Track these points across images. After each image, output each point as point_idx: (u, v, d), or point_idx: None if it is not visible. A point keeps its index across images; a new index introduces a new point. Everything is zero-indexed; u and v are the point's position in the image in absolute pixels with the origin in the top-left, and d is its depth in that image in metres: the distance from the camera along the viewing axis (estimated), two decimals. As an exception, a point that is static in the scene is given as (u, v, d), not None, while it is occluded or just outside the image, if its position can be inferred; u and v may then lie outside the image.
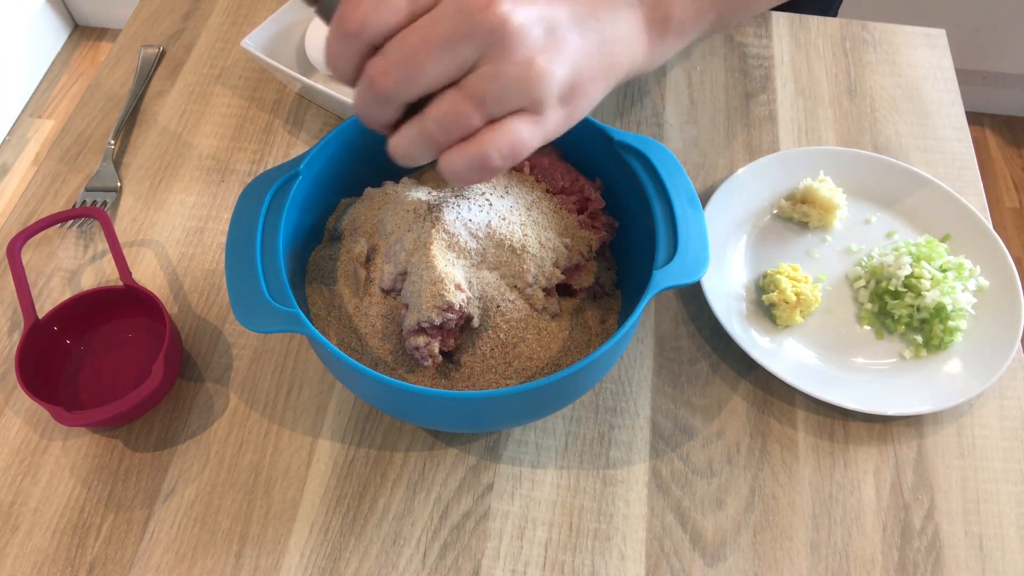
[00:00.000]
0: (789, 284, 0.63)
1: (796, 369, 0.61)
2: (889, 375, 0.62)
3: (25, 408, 0.60)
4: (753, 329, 0.63)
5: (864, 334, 0.64)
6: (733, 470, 0.58)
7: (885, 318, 0.65)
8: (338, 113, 0.75)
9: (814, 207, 0.69)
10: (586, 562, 0.55)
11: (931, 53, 0.83)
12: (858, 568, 0.55)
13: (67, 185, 0.72)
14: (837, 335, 0.64)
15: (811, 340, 0.64)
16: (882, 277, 0.65)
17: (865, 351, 0.63)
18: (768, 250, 0.69)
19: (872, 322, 0.65)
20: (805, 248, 0.69)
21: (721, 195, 0.70)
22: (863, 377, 0.62)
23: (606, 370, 0.57)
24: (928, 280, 0.63)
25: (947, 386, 0.61)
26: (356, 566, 0.54)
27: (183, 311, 0.65)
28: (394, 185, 0.63)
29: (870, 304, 0.65)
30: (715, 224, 0.68)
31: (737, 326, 0.63)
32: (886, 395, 0.60)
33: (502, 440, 0.59)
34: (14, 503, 0.56)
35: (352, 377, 0.52)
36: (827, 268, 0.68)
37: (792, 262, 0.66)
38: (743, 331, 0.63)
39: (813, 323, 0.65)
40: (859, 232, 0.70)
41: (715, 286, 0.65)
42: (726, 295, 0.65)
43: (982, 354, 0.62)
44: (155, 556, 0.54)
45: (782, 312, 0.63)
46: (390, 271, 0.57)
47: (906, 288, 0.63)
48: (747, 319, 0.64)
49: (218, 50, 0.82)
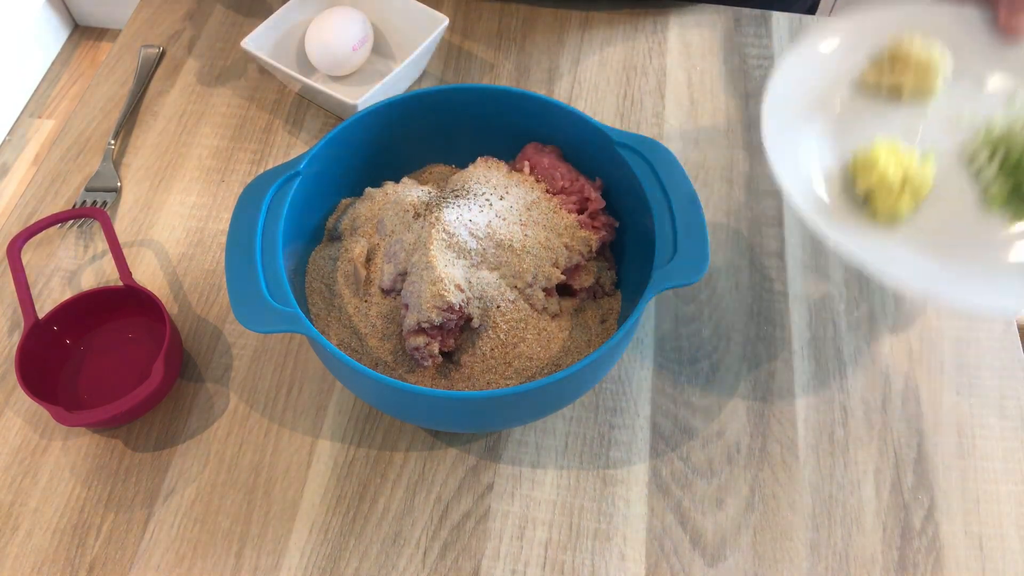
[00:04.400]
0: (891, 161, 0.50)
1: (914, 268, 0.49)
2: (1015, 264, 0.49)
3: (25, 408, 0.60)
4: (855, 224, 0.51)
5: (988, 219, 0.52)
6: (733, 470, 0.58)
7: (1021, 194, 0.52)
8: (338, 113, 0.75)
9: (907, 70, 0.55)
10: (586, 562, 0.55)
11: (931, 53, 0.83)
12: (858, 568, 0.55)
13: (67, 185, 0.72)
14: (962, 225, 0.51)
15: (928, 235, 0.51)
16: (1013, 144, 0.52)
17: (993, 239, 0.51)
18: (851, 133, 0.55)
19: (1007, 202, 0.52)
20: (899, 124, 0.55)
21: (783, 73, 0.56)
22: (996, 271, 0.49)
23: (606, 370, 0.57)
24: None
25: None
26: (356, 566, 0.54)
27: (183, 311, 0.65)
28: (394, 185, 0.63)
29: (1001, 180, 0.52)
30: (781, 108, 0.55)
31: (826, 220, 0.50)
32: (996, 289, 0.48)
33: (502, 440, 0.59)
34: (14, 503, 0.56)
35: (352, 377, 0.52)
36: (931, 147, 0.54)
37: (892, 137, 0.53)
38: (837, 226, 0.50)
39: (924, 215, 0.52)
40: (969, 98, 0.56)
41: (791, 184, 0.52)
42: (812, 183, 0.52)
43: None
44: (155, 556, 0.54)
45: (884, 200, 0.51)
46: (390, 271, 0.57)
47: None
48: (835, 219, 0.51)
49: (218, 50, 0.82)
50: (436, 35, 0.74)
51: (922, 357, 0.63)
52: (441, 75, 0.80)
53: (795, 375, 0.62)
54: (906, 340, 0.64)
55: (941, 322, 0.65)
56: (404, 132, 0.63)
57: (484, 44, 0.82)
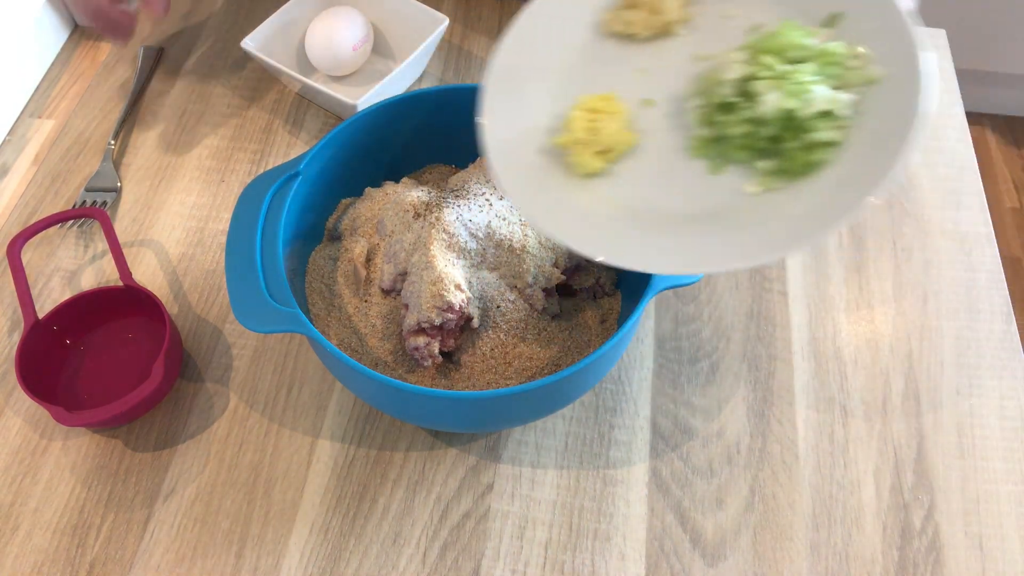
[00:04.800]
0: (583, 118, 0.49)
1: (592, 228, 0.47)
2: (727, 219, 0.46)
3: (25, 408, 0.60)
4: (544, 182, 0.49)
5: (693, 170, 0.48)
6: (733, 470, 0.58)
7: (722, 144, 0.48)
8: (338, 113, 0.75)
9: (639, 9, 0.51)
10: (586, 562, 0.55)
11: (931, 53, 0.83)
12: (858, 568, 0.55)
13: (67, 185, 0.72)
14: (662, 175, 0.48)
15: (628, 186, 0.48)
16: (712, 88, 0.48)
17: (694, 192, 0.47)
18: (580, 83, 0.52)
19: (705, 152, 0.48)
20: (634, 68, 0.51)
21: (520, 26, 0.53)
22: (692, 229, 0.46)
23: (606, 370, 0.57)
24: (766, 82, 0.45)
25: (794, 222, 0.44)
26: (356, 566, 0.54)
27: (183, 311, 0.65)
28: (394, 185, 0.63)
29: (701, 128, 0.48)
30: (512, 66, 0.52)
31: (516, 178, 0.48)
32: (713, 248, 0.45)
33: (502, 440, 0.59)
34: (14, 503, 0.56)
35: (352, 377, 0.52)
36: (663, 89, 0.50)
37: (617, 86, 0.51)
38: (524, 183, 0.48)
39: (634, 164, 0.49)
40: (712, 34, 0.51)
41: (505, 136, 0.50)
42: (519, 145, 0.50)
43: (858, 171, 0.44)
44: (155, 556, 0.54)
45: (578, 156, 0.48)
46: (390, 271, 0.57)
47: (742, 96, 0.46)
48: (540, 170, 0.50)
49: (218, 50, 0.82)
50: (436, 35, 0.74)
51: (922, 357, 0.63)
52: (441, 75, 0.80)
53: (795, 375, 0.62)
54: (906, 340, 0.64)
55: (941, 322, 0.65)
56: (404, 132, 0.63)
57: (484, 44, 0.82)
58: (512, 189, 0.49)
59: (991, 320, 0.65)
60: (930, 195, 0.73)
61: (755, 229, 0.45)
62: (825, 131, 0.44)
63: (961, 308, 0.66)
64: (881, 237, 0.70)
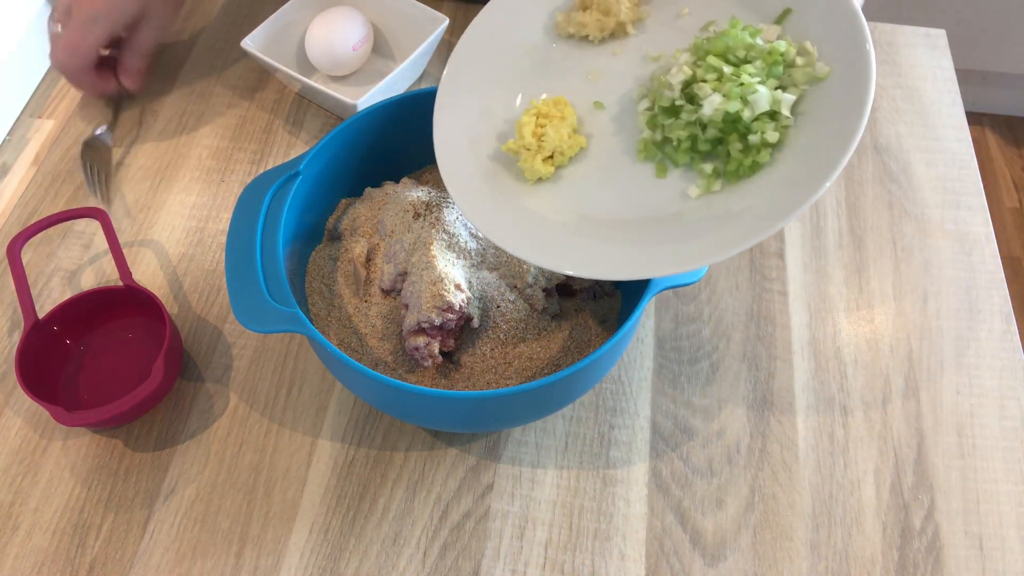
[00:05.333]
0: (532, 123, 0.49)
1: (536, 235, 0.47)
2: (670, 224, 0.46)
3: (25, 408, 0.60)
4: (495, 188, 0.49)
5: (641, 173, 0.48)
6: (733, 470, 0.58)
7: (667, 147, 0.48)
8: (338, 113, 0.75)
9: (591, 10, 0.51)
10: (586, 562, 0.55)
11: (931, 53, 0.83)
12: (858, 568, 0.55)
13: (67, 185, 0.72)
14: (610, 179, 0.49)
15: (577, 192, 0.48)
16: (658, 91, 0.48)
17: (639, 196, 0.47)
18: (536, 87, 0.52)
19: (652, 155, 0.48)
20: (586, 71, 0.52)
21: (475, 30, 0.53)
22: (634, 234, 0.46)
23: (606, 370, 0.57)
24: (710, 84, 0.45)
25: (735, 224, 0.43)
26: (356, 566, 0.54)
27: (183, 311, 0.65)
28: (394, 185, 0.63)
29: (649, 131, 0.48)
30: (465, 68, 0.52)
31: (466, 184, 0.49)
32: (655, 253, 0.45)
33: (502, 440, 0.59)
34: (14, 503, 0.56)
35: (352, 377, 0.52)
36: (615, 91, 0.51)
37: (567, 91, 0.51)
38: (474, 190, 0.48)
39: (584, 169, 0.49)
40: (664, 34, 0.51)
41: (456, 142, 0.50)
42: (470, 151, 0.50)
43: (803, 169, 0.43)
44: (155, 556, 0.54)
45: (526, 162, 0.49)
46: (390, 271, 0.57)
47: (686, 100, 0.47)
48: (491, 176, 0.50)
49: (218, 50, 0.82)
50: (436, 35, 0.74)
51: (922, 357, 0.63)
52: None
53: (795, 375, 0.62)
54: (906, 340, 0.64)
55: (941, 322, 0.65)
56: (404, 132, 0.63)
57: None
58: (460, 196, 0.49)
59: (991, 320, 0.65)
60: (930, 195, 0.73)
61: (699, 232, 0.45)
62: (768, 132, 0.44)
63: (961, 308, 0.66)
64: (881, 237, 0.70)
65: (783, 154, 0.45)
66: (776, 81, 0.46)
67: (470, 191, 0.49)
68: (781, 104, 0.45)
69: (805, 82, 0.46)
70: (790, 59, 0.46)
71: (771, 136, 0.44)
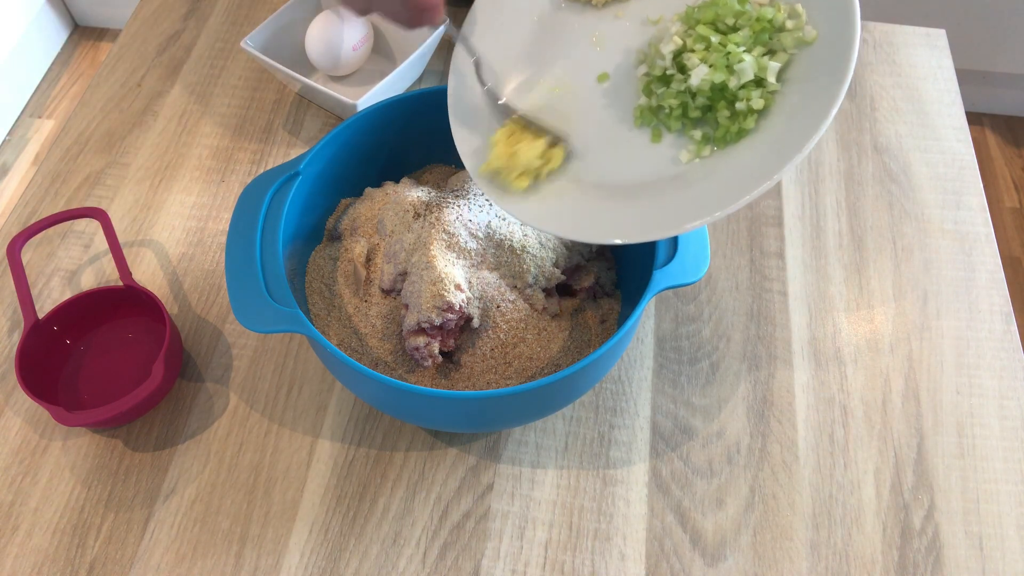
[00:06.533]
0: (504, 143, 0.50)
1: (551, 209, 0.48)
2: (665, 188, 0.47)
3: (25, 408, 0.60)
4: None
5: (637, 139, 0.50)
6: (733, 470, 0.58)
7: (660, 114, 0.50)
8: (338, 113, 0.75)
9: None
10: (586, 562, 0.55)
11: (931, 53, 0.83)
12: (858, 568, 0.55)
13: (67, 185, 0.72)
14: (612, 147, 0.50)
15: (584, 162, 0.50)
16: (653, 59, 0.50)
17: (638, 162, 0.49)
18: (544, 54, 0.53)
19: (648, 120, 0.50)
20: (590, 39, 0.53)
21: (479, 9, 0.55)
22: (637, 200, 0.48)
23: (606, 370, 0.57)
24: (699, 53, 0.47)
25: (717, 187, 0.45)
26: (356, 566, 0.54)
27: (183, 311, 0.65)
28: (394, 185, 0.63)
29: (645, 98, 0.50)
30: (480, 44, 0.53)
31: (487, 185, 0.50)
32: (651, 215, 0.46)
33: (502, 440, 0.59)
34: (14, 503, 0.56)
35: (352, 377, 0.52)
36: (617, 58, 0.52)
37: (574, 59, 0.52)
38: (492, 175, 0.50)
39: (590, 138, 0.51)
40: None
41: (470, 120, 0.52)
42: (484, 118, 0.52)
43: (781, 137, 0.45)
44: (155, 556, 0.54)
45: (503, 179, 0.51)
46: (390, 271, 0.57)
47: (677, 69, 0.48)
48: None
49: (218, 50, 0.82)
50: (436, 35, 0.74)
51: (922, 357, 0.63)
52: (441, 75, 0.80)
53: (795, 375, 0.62)
54: (906, 340, 0.64)
55: (941, 322, 0.65)
56: (404, 132, 0.63)
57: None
58: (475, 167, 0.51)
59: (991, 320, 0.65)
60: (930, 195, 0.73)
61: (690, 195, 0.46)
62: (754, 99, 0.46)
63: (961, 308, 0.66)
64: (881, 237, 0.70)
65: (770, 119, 0.46)
66: (764, 48, 0.47)
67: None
68: (767, 71, 0.46)
69: (793, 47, 0.47)
70: (779, 24, 0.47)
71: (756, 103, 0.46)
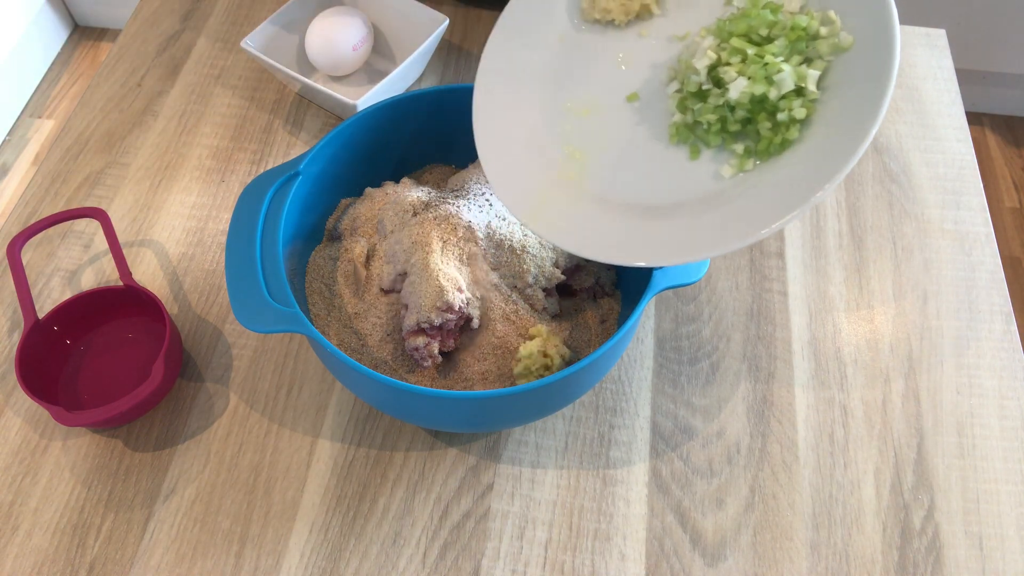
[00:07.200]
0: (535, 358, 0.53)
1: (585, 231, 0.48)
2: (705, 206, 0.46)
3: (25, 408, 0.60)
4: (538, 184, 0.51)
5: (673, 157, 0.48)
6: (733, 470, 0.58)
7: (698, 130, 0.48)
8: (338, 113, 0.75)
9: None
10: (586, 562, 0.55)
11: (931, 53, 0.83)
12: (858, 568, 0.55)
13: (67, 185, 0.72)
14: (645, 166, 0.49)
15: (614, 180, 0.49)
16: (685, 74, 0.49)
17: (676, 180, 0.48)
18: (570, 77, 0.52)
19: (684, 137, 0.49)
20: (615, 59, 0.52)
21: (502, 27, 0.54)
22: (674, 219, 0.47)
23: (606, 370, 0.57)
24: (735, 67, 0.46)
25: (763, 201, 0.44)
26: (356, 566, 0.54)
27: (183, 311, 0.65)
28: (394, 185, 0.63)
29: (680, 114, 0.49)
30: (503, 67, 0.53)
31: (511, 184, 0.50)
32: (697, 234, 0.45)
33: (502, 440, 0.59)
34: (14, 503, 0.56)
35: (352, 377, 0.52)
36: (645, 76, 0.50)
37: (600, 81, 0.51)
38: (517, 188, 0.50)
39: (620, 157, 0.50)
40: (687, 11, 0.51)
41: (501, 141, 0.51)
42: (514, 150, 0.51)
43: (828, 145, 0.44)
44: (155, 556, 0.54)
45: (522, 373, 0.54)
46: (390, 271, 0.57)
47: (712, 83, 0.47)
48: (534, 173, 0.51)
49: (218, 50, 0.82)
50: (436, 35, 0.74)
51: (922, 357, 0.63)
52: (441, 75, 0.80)
53: (795, 375, 0.62)
54: (906, 340, 0.64)
55: (941, 322, 0.65)
56: (404, 132, 0.63)
57: (484, 44, 0.82)
58: (506, 195, 0.50)
59: (991, 320, 0.65)
60: (930, 195, 0.73)
61: (734, 212, 0.45)
62: (796, 109, 0.45)
63: (961, 308, 0.66)
64: (881, 237, 0.70)
65: (812, 128, 0.45)
66: (800, 56, 0.46)
67: (516, 190, 0.50)
68: (807, 80, 0.45)
69: (830, 53, 0.46)
70: (813, 31, 0.46)
71: (799, 112, 0.45)
